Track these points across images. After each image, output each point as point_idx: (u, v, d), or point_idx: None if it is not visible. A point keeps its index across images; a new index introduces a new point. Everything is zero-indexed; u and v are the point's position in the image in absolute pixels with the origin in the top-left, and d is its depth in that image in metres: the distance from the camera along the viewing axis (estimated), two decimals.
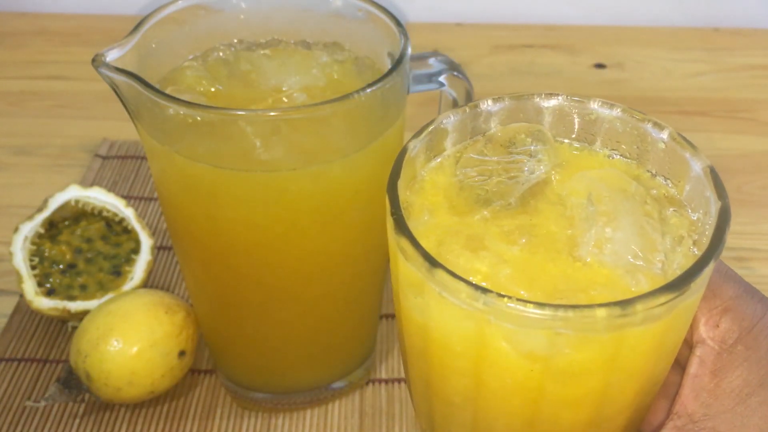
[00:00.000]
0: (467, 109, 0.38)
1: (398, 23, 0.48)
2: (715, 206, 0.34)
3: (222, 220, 0.46)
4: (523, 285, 0.32)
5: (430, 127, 0.37)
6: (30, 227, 0.60)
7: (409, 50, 0.46)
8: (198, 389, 0.58)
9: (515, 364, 0.32)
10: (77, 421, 0.55)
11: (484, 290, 0.30)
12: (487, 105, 0.39)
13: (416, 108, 0.59)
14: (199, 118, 0.43)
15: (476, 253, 0.33)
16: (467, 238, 0.34)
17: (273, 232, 0.47)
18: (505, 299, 0.30)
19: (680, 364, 0.36)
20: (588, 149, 0.39)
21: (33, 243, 0.60)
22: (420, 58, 0.50)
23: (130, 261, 0.61)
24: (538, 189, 0.37)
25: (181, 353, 0.54)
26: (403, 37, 0.47)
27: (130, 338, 0.52)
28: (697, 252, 0.34)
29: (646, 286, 0.32)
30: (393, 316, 0.63)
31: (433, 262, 0.31)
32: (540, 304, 0.29)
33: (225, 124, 0.43)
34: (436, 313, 0.32)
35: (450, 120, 0.38)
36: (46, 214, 0.61)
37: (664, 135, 0.37)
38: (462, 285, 0.30)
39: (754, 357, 0.35)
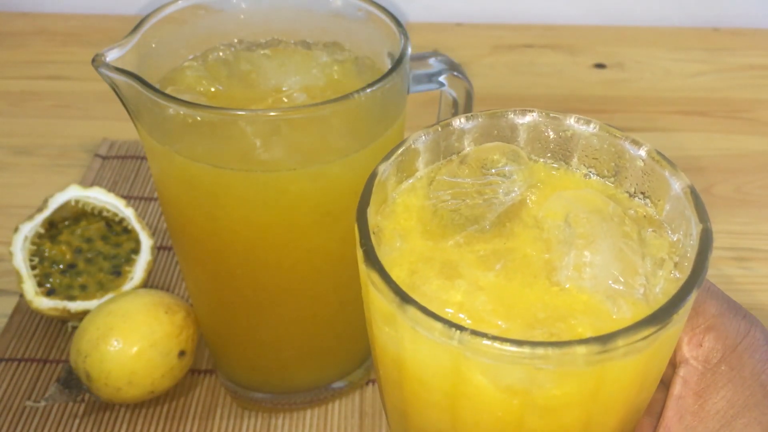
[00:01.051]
0: (439, 128, 0.37)
1: (398, 23, 0.48)
2: (696, 229, 0.33)
3: (222, 220, 0.46)
4: (501, 315, 0.31)
5: (400, 149, 0.36)
6: (30, 227, 0.60)
7: (409, 50, 0.46)
8: (198, 389, 0.58)
9: (493, 398, 0.31)
10: (77, 421, 0.55)
11: (459, 327, 0.29)
12: (459, 123, 0.37)
13: (416, 108, 0.59)
14: (199, 118, 0.43)
15: (451, 281, 0.32)
16: (441, 265, 0.33)
17: (273, 231, 0.47)
18: (481, 338, 0.29)
19: (664, 383, 0.36)
20: (564, 169, 0.38)
21: (33, 243, 0.60)
22: (420, 58, 0.50)
23: (130, 261, 0.61)
24: (513, 211, 0.36)
25: (181, 353, 0.54)
26: (403, 37, 0.47)
27: (130, 338, 0.52)
28: (679, 276, 0.33)
29: (627, 313, 0.32)
30: None
31: (404, 298, 0.30)
32: (518, 342, 0.29)
33: (225, 124, 0.43)
34: (410, 345, 0.31)
35: (421, 140, 0.37)
36: (46, 214, 0.61)
37: (642, 152, 0.36)
38: (435, 323, 0.29)
39: (738, 377, 0.34)
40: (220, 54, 0.51)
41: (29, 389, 0.57)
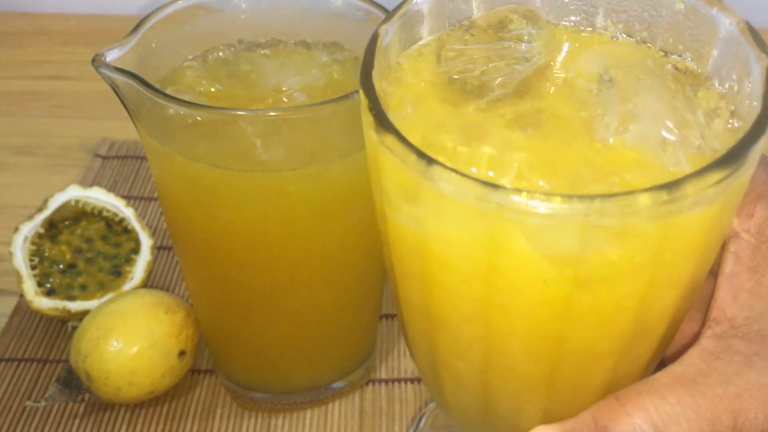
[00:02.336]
0: None
1: None
2: (758, 65, 0.28)
3: (222, 220, 0.46)
4: (540, 174, 0.27)
5: (402, 9, 0.32)
6: (30, 227, 0.60)
7: None
8: (198, 389, 0.58)
9: (539, 271, 0.27)
10: (77, 421, 0.55)
11: (496, 187, 0.25)
12: None
13: None
14: (199, 118, 0.43)
15: (478, 143, 0.28)
16: (464, 127, 0.29)
17: (273, 232, 0.47)
18: (524, 194, 0.24)
19: (711, 270, 0.32)
20: (587, 31, 0.34)
21: (33, 243, 0.60)
22: None
23: (130, 261, 0.61)
24: (537, 75, 0.32)
25: (181, 353, 0.54)
26: None
27: (130, 338, 0.52)
28: (738, 124, 0.29)
29: (686, 166, 0.27)
30: (393, 316, 0.63)
31: (430, 160, 0.26)
32: (567, 197, 0.24)
33: (225, 124, 0.43)
34: (436, 221, 0.27)
35: (424, 0, 0.32)
36: (46, 214, 0.60)
37: None
38: (470, 183, 0.25)
39: None
40: (220, 54, 0.51)
41: (29, 389, 0.57)
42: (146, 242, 0.61)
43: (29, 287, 0.58)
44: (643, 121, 0.29)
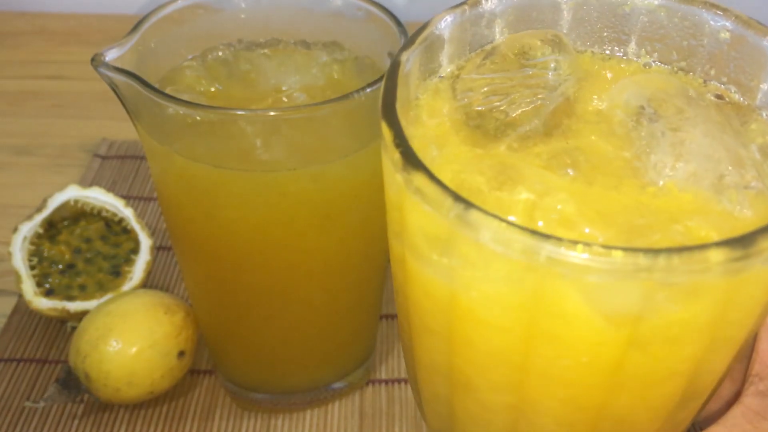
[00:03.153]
0: (466, 8, 0.30)
1: (398, 23, 0.48)
2: None
3: (221, 220, 0.46)
4: (590, 222, 0.24)
5: (423, 33, 0.29)
6: (29, 227, 0.60)
7: None
8: (197, 390, 0.58)
9: (592, 332, 0.24)
10: (76, 421, 0.55)
11: (547, 237, 0.22)
12: (490, 4, 0.30)
13: None
14: (198, 118, 0.42)
15: (514, 189, 0.25)
16: (497, 171, 0.26)
17: (272, 232, 0.47)
18: (580, 247, 0.21)
19: None
20: (617, 58, 0.31)
21: (32, 243, 0.60)
22: None
23: (129, 261, 0.61)
24: (567, 108, 0.29)
25: (181, 353, 0.54)
26: (403, 37, 0.47)
27: (130, 339, 0.52)
28: None
29: (748, 211, 0.25)
30: (393, 317, 0.63)
31: (467, 204, 0.23)
32: (632, 251, 0.22)
33: (224, 123, 0.43)
34: (473, 272, 0.24)
35: (446, 23, 0.30)
36: (45, 214, 0.60)
37: (728, 21, 0.29)
38: (514, 232, 0.22)
39: None
40: (220, 54, 0.51)
41: (28, 390, 0.57)
42: (145, 242, 0.61)
43: (28, 287, 0.58)
44: (694, 160, 0.27)
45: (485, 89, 0.29)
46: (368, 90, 0.42)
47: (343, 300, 0.52)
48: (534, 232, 0.22)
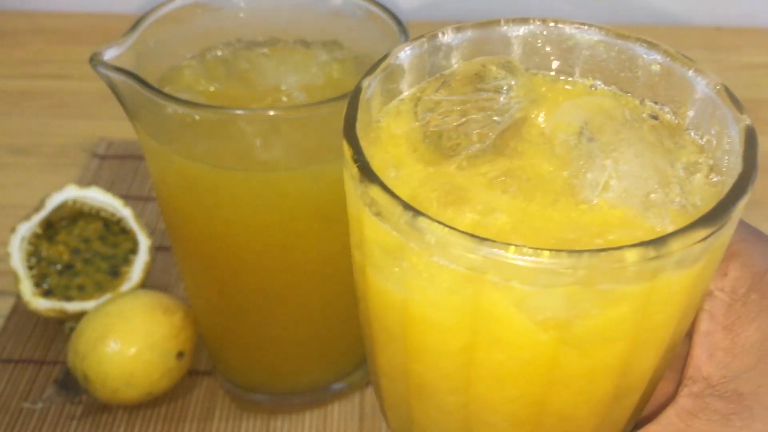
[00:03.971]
0: (425, 42, 0.33)
1: (398, 22, 0.48)
2: (736, 126, 0.29)
3: (220, 220, 0.46)
4: (526, 237, 0.27)
5: (384, 63, 0.32)
6: (27, 227, 0.60)
7: None
8: (196, 391, 0.58)
9: (524, 335, 0.27)
10: (75, 422, 0.55)
11: (484, 240, 0.25)
12: (447, 37, 0.33)
13: None
14: (197, 118, 0.42)
15: (461, 206, 0.28)
16: (448, 189, 0.29)
17: (272, 232, 0.46)
18: (512, 248, 0.24)
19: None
20: (566, 81, 0.34)
21: (30, 243, 0.60)
22: None
23: (128, 261, 0.61)
24: (515, 129, 0.31)
25: (180, 354, 0.54)
26: (404, 36, 0.46)
27: (128, 339, 0.52)
28: (718, 179, 0.30)
29: (670, 225, 0.28)
30: None
31: (415, 212, 0.25)
32: (556, 252, 0.24)
33: (224, 123, 0.42)
34: (420, 280, 0.27)
35: (406, 54, 0.32)
36: (43, 214, 0.60)
37: (658, 55, 0.32)
38: (456, 235, 0.25)
39: None
40: (219, 53, 0.51)
41: (26, 391, 0.57)
42: (144, 242, 0.61)
43: (26, 288, 0.58)
44: (625, 179, 0.29)
45: (442, 110, 0.32)
46: None
47: (342, 300, 0.52)
48: (471, 235, 0.25)
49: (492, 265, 0.25)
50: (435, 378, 0.30)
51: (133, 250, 0.61)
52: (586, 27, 0.33)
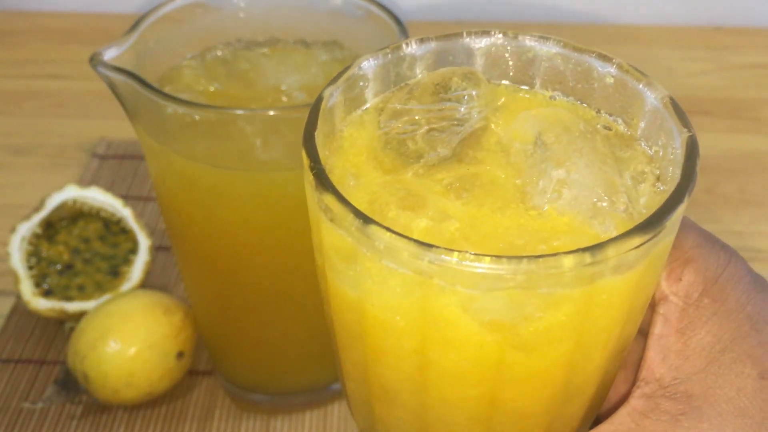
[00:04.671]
0: (388, 52, 0.34)
1: (398, 22, 0.48)
2: (680, 138, 0.30)
3: (220, 220, 0.46)
4: (474, 242, 0.29)
5: (347, 73, 0.33)
6: (27, 227, 0.60)
7: None
8: (196, 391, 0.58)
9: (470, 336, 0.28)
10: (75, 422, 0.55)
11: (430, 246, 0.26)
12: (411, 48, 0.34)
13: None
14: (197, 118, 0.42)
15: (415, 211, 0.29)
16: (402, 196, 0.30)
17: (271, 232, 0.46)
18: (456, 254, 0.25)
19: (642, 331, 0.33)
20: (527, 91, 0.35)
21: (30, 243, 0.60)
22: None
23: (128, 261, 0.61)
24: (474, 138, 0.33)
25: (180, 354, 0.54)
26: (404, 36, 0.46)
27: (128, 339, 0.52)
28: (663, 188, 0.31)
29: (613, 232, 0.29)
30: None
31: (365, 219, 0.27)
32: (497, 258, 0.26)
33: (223, 123, 0.42)
34: (372, 283, 0.28)
35: (369, 64, 0.33)
36: (43, 214, 0.60)
37: (612, 68, 0.33)
38: (402, 242, 0.26)
39: (722, 310, 0.32)
40: (219, 53, 0.51)
41: (26, 390, 0.57)
42: (144, 242, 0.61)
43: (26, 288, 0.58)
44: (574, 188, 0.30)
45: (404, 119, 0.33)
46: None
47: None
48: (418, 241, 0.26)
49: (438, 270, 0.26)
50: (394, 379, 0.31)
51: (133, 250, 0.61)
52: (545, 40, 0.34)
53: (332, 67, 0.50)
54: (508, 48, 0.35)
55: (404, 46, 0.34)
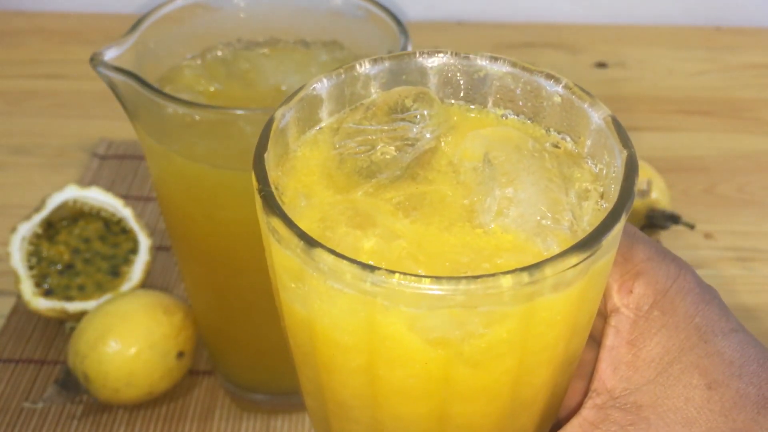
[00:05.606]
0: (342, 72, 0.34)
1: (398, 22, 0.48)
2: (620, 156, 0.31)
3: (220, 220, 0.46)
4: (420, 261, 0.29)
5: (300, 94, 0.33)
6: (28, 227, 0.60)
7: (410, 49, 0.46)
8: (196, 390, 0.58)
9: (416, 353, 0.28)
10: (75, 422, 0.55)
11: (372, 268, 0.26)
12: (364, 68, 0.35)
13: None
14: (197, 118, 0.42)
15: (363, 230, 0.30)
16: (351, 215, 0.30)
17: None
18: (397, 276, 0.26)
19: (595, 340, 0.34)
20: (479, 110, 0.36)
21: (31, 243, 0.60)
22: None
23: (128, 261, 0.61)
24: (426, 158, 0.33)
25: (180, 354, 0.54)
26: (403, 36, 0.46)
27: (129, 339, 0.52)
28: (606, 206, 0.32)
29: (556, 249, 0.30)
30: None
31: (310, 242, 0.27)
32: (437, 279, 0.26)
33: (223, 123, 0.42)
34: (320, 302, 0.29)
35: (323, 85, 0.34)
36: (43, 214, 0.60)
37: (560, 87, 0.34)
38: (345, 264, 0.26)
39: (671, 322, 0.32)
40: (219, 53, 0.51)
41: (27, 390, 0.57)
42: (144, 242, 0.61)
43: (27, 288, 0.58)
44: (520, 206, 0.31)
45: (358, 139, 0.33)
46: None
47: None
48: (361, 264, 0.27)
49: (381, 291, 0.27)
50: (347, 395, 0.32)
51: (134, 250, 0.61)
52: (495, 59, 0.35)
53: (332, 67, 0.50)
54: (460, 67, 0.36)
55: (358, 66, 0.35)
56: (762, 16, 1.01)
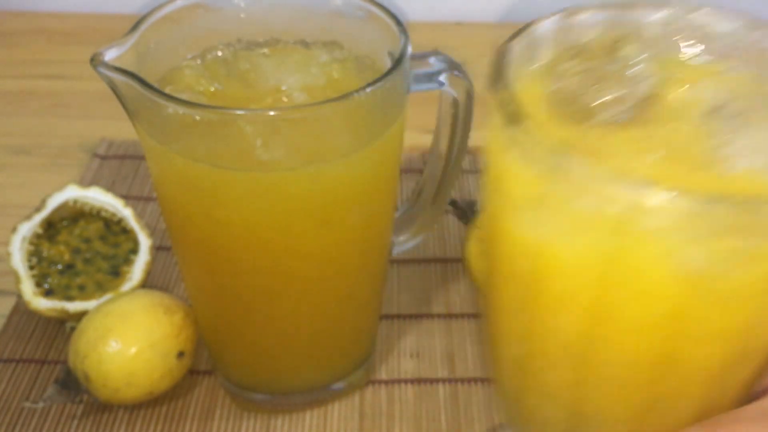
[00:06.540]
0: (564, 17, 0.35)
1: (398, 22, 0.48)
2: None
3: (221, 221, 0.46)
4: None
5: (525, 31, 0.35)
6: (28, 227, 0.60)
7: (410, 49, 0.46)
8: (197, 390, 0.58)
9: (662, 288, 0.26)
10: (75, 422, 0.55)
11: (638, 179, 0.24)
12: (585, 14, 0.35)
13: (416, 108, 0.58)
14: (198, 118, 0.42)
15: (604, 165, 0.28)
16: (586, 151, 0.29)
17: (272, 232, 0.46)
18: (665, 188, 0.23)
19: None
20: (703, 62, 0.35)
21: (31, 243, 0.60)
22: (420, 57, 0.49)
23: (128, 261, 0.61)
24: (650, 101, 0.32)
25: (180, 354, 0.54)
26: (404, 36, 0.46)
27: (129, 339, 0.52)
28: None
29: None
30: (393, 317, 0.63)
31: (563, 148, 0.26)
32: (717, 197, 0.23)
33: (224, 123, 0.42)
34: (561, 224, 0.27)
35: (544, 27, 0.35)
36: (44, 214, 0.60)
37: None
38: (605, 173, 0.24)
39: None
40: (219, 53, 0.51)
41: (27, 390, 0.57)
42: (145, 242, 0.61)
43: (27, 288, 0.58)
44: (765, 152, 0.29)
45: (576, 78, 0.33)
46: (368, 90, 0.42)
47: (343, 300, 0.52)
48: (623, 174, 0.24)
49: (642, 210, 0.24)
50: (562, 338, 0.29)
51: (134, 249, 0.61)
52: (727, 15, 0.34)
53: (332, 68, 0.50)
54: (686, 22, 0.35)
55: (581, 12, 0.35)
56: (762, 16, 1.01)
